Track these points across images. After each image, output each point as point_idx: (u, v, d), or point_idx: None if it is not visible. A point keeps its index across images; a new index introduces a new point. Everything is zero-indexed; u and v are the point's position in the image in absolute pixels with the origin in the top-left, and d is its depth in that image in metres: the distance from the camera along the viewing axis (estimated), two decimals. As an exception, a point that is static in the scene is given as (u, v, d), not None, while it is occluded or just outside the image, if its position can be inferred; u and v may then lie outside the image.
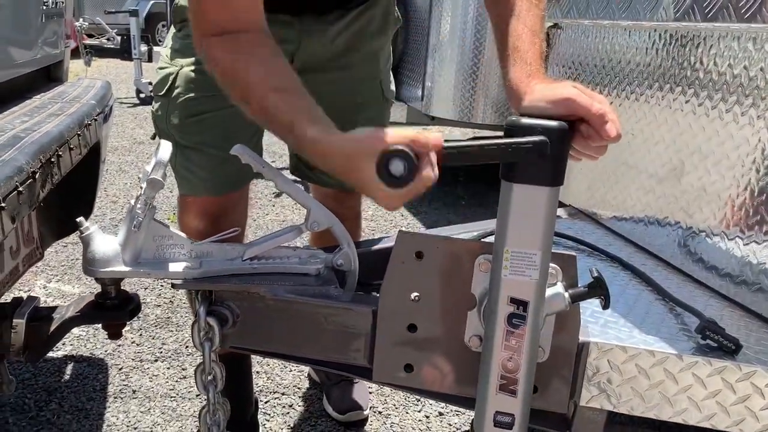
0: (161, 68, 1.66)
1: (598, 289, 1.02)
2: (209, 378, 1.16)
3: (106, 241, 1.13)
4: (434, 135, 0.92)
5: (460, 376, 1.12)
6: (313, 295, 1.15)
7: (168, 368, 2.42)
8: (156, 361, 2.47)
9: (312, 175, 1.89)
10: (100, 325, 1.37)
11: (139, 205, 1.11)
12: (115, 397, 2.23)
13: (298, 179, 1.92)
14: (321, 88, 1.11)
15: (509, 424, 1.00)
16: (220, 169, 1.63)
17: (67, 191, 1.78)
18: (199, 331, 1.13)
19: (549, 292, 1.01)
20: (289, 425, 2.14)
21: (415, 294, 1.11)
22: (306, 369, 2.40)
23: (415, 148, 0.90)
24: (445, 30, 4.35)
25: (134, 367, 2.42)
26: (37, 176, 1.33)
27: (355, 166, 0.96)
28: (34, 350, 1.28)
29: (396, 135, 0.92)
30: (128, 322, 1.33)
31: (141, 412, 2.16)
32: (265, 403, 2.23)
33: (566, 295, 1.02)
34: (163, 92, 1.62)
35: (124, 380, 2.33)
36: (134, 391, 2.27)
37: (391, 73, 1.89)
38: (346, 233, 1.22)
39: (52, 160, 1.47)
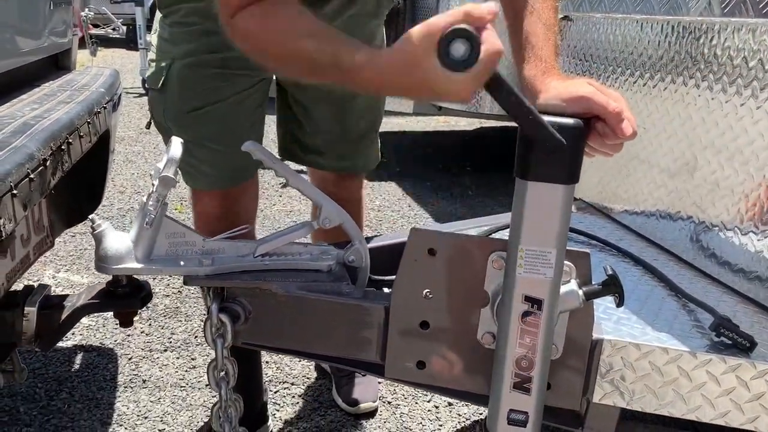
0: (153, 60, 1.62)
1: (612, 286, 1.02)
2: (221, 374, 1.17)
3: (118, 238, 1.13)
4: (486, 3, 0.85)
5: (473, 372, 1.12)
6: (325, 292, 1.15)
7: (177, 358, 2.42)
8: (165, 350, 2.47)
9: (305, 158, 1.86)
10: (110, 315, 1.37)
11: (151, 203, 1.11)
12: (125, 387, 2.23)
13: (300, 167, 1.92)
14: None
15: (523, 421, 1.00)
16: (223, 163, 1.62)
17: (76, 180, 1.77)
18: (212, 328, 1.14)
19: (563, 289, 1.01)
20: (298, 415, 2.14)
21: (428, 291, 1.10)
22: (315, 360, 2.41)
23: (471, 22, 0.83)
24: (453, 18, 4.33)
25: (144, 357, 2.42)
26: (48, 163, 1.33)
27: (416, 66, 0.87)
28: (45, 338, 1.29)
29: (447, 15, 0.85)
30: (138, 312, 1.33)
31: (151, 401, 2.16)
32: (275, 393, 2.23)
33: (580, 292, 1.02)
34: (158, 87, 1.59)
35: (134, 370, 2.34)
36: (144, 381, 2.27)
37: None
38: (358, 229, 1.22)
39: (63, 147, 1.46)
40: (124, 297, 1.25)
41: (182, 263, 1.15)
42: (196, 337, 2.56)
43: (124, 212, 3.88)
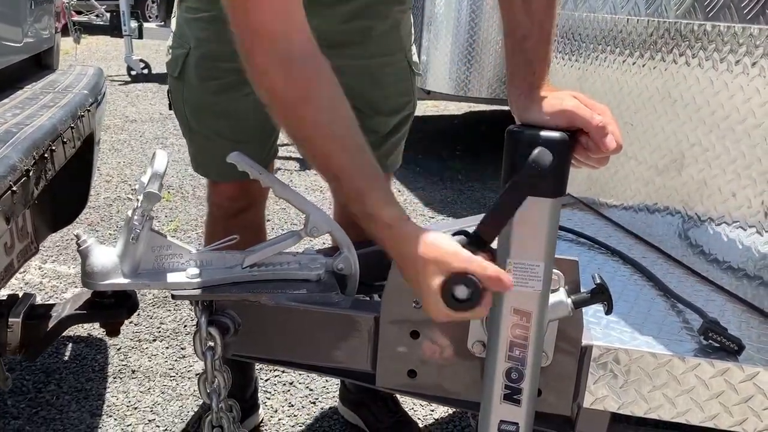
0: (171, 47, 1.60)
1: (600, 294, 1.02)
2: (212, 387, 1.16)
3: (104, 253, 1.12)
4: (506, 276, 0.90)
5: (464, 381, 1.12)
6: (315, 302, 1.15)
7: (167, 348, 2.41)
8: (155, 340, 2.46)
9: None
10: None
11: (136, 217, 1.10)
12: (115, 378, 2.22)
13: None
14: (342, 63, 1.05)
15: (513, 432, 1.00)
16: None
17: (61, 183, 1.75)
18: (201, 341, 1.13)
19: (552, 299, 1.01)
20: (290, 403, 2.14)
21: (417, 301, 1.10)
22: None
23: (484, 282, 0.89)
24: (441, 2, 4.30)
25: (133, 347, 2.41)
26: (30, 174, 1.31)
27: (420, 270, 0.92)
28: (31, 349, 1.28)
29: (474, 261, 0.90)
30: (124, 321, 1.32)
31: (140, 392, 2.16)
32: (266, 381, 2.23)
33: (569, 302, 1.02)
34: (176, 74, 1.58)
35: (123, 360, 2.33)
36: (133, 371, 2.27)
37: (413, 44, 1.75)
38: (346, 237, 1.22)
39: (46, 155, 1.44)
40: (111, 307, 1.24)
41: (169, 277, 1.14)
42: (185, 326, 2.55)
43: (110, 201, 3.86)
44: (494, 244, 0.97)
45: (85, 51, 9.19)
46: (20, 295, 1.33)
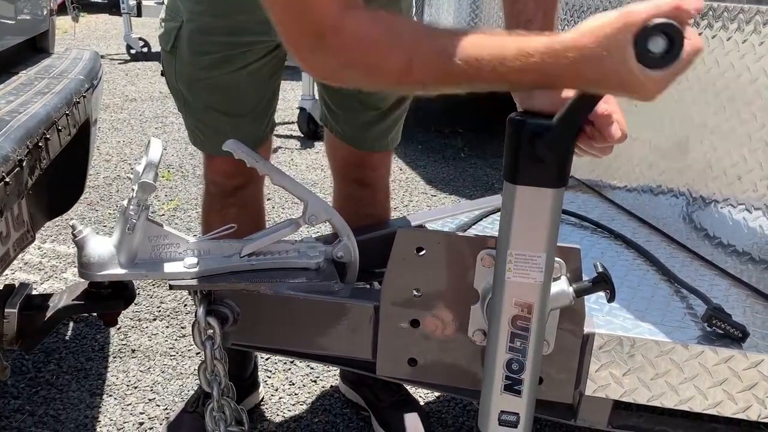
0: (164, 20, 1.55)
1: (602, 283, 1.00)
2: (213, 375, 1.16)
3: (100, 243, 1.11)
4: None
5: (465, 369, 1.11)
6: (314, 291, 1.14)
7: (167, 327, 2.40)
8: (155, 320, 2.45)
9: (340, 130, 1.70)
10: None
11: (132, 207, 1.08)
12: (115, 357, 2.21)
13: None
14: None
15: (514, 422, 0.99)
16: (233, 132, 1.57)
17: (57, 169, 1.73)
18: (200, 331, 1.12)
19: (553, 288, 0.99)
20: (290, 381, 2.13)
21: (417, 289, 1.09)
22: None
23: (679, 16, 0.75)
24: (442, -24, 4.24)
25: (133, 327, 2.39)
26: (24, 164, 1.29)
27: (604, 57, 0.78)
28: (27, 340, 1.26)
29: (649, 5, 0.76)
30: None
31: (141, 371, 2.15)
32: (266, 359, 2.22)
33: (570, 290, 1.00)
34: (168, 48, 1.54)
35: (122, 340, 2.31)
36: (133, 351, 2.26)
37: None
38: (345, 225, 1.20)
39: (40, 144, 1.41)
40: (108, 298, 1.22)
41: (167, 266, 1.13)
42: (185, 305, 2.54)
43: (110, 181, 3.83)
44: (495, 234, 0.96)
45: (84, 29, 9.11)
46: (17, 284, 1.32)
